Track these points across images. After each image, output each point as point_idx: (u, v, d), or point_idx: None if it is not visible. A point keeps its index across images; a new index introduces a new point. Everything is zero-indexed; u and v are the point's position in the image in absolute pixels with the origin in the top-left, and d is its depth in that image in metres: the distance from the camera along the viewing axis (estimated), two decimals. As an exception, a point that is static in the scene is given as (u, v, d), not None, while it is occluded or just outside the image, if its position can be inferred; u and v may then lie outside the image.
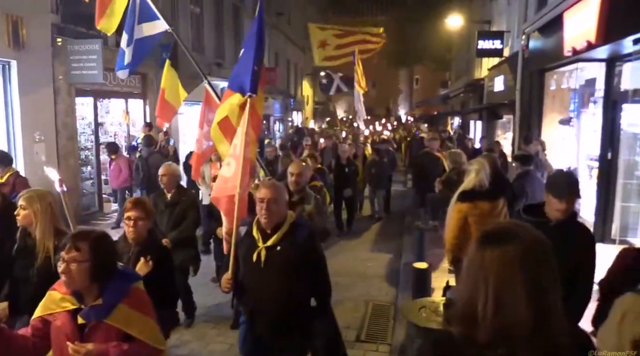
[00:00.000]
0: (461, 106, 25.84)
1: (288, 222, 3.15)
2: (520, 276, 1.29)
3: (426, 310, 3.67)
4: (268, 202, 3.06)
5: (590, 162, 8.82)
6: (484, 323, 1.30)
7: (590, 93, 9.05)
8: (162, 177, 5.20)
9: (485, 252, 1.35)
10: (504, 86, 14.16)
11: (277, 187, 3.21)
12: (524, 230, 1.38)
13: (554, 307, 1.31)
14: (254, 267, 3.08)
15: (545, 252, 1.35)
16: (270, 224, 3.10)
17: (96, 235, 2.34)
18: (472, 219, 4.57)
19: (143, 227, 3.36)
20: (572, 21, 7.63)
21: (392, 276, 7.27)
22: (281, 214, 3.13)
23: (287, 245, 3.07)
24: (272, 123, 25.34)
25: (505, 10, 15.67)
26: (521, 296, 1.28)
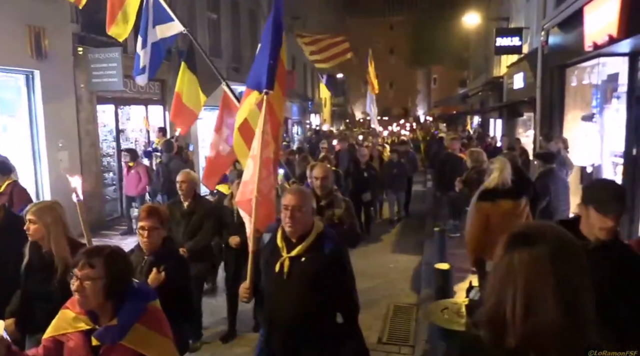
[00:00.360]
0: (480, 105, 25.58)
1: (315, 232, 2.95)
2: (549, 278, 1.26)
3: (448, 311, 3.63)
4: (292, 210, 2.88)
5: (615, 159, 8.63)
6: (513, 327, 1.27)
7: (613, 89, 8.86)
8: (182, 183, 5.06)
9: (513, 254, 1.32)
10: (523, 83, 13.97)
11: (303, 193, 3.01)
12: (552, 230, 1.34)
13: (586, 310, 1.27)
14: (276, 278, 2.91)
15: (575, 252, 1.31)
16: (295, 233, 2.91)
17: (110, 251, 2.23)
18: (493, 218, 4.51)
19: (157, 236, 3.23)
20: (592, 15, 7.49)
21: (414, 277, 7.22)
22: (307, 223, 2.95)
23: (312, 257, 2.88)
24: (290, 126, 25.43)
25: (524, 7, 15.46)
26: (551, 299, 1.24)
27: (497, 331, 1.30)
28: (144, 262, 3.19)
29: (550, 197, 5.87)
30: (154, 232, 3.20)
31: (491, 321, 1.32)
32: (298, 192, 3.00)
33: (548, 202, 5.87)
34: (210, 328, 5.43)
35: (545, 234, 1.32)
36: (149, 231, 3.19)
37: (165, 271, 3.06)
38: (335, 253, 2.94)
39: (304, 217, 2.92)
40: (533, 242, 1.30)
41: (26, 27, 8.52)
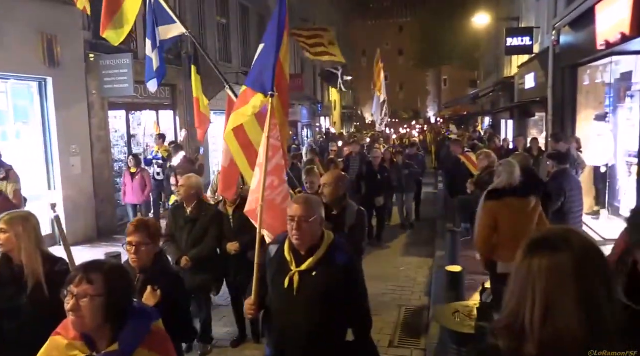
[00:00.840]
0: (491, 105, 25.41)
1: (326, 244, 2.74)
2: (571, 286, 1.22)
3: (460, 314, 3.60)
4: (299, 221, 2.67)
5: (629, 158, 8.53)
6: (532, 335, 1.24)
7: (626, 88, 8.76)
8: (180, 187, 4.91)
9: (532, 259, 1.28)
10: (535, 83, 13.86)
11: (311, 202, 2.78)
12: (576, 237, 1.30)
13: (609, 320, 1.23)
14: (285, 294, 2.70)
15: (599, 260, 1.27)
16: (304, 246, 2.71)
17: (111, 266, 2.05)
18: (501, 218, 4.49)
19: (147, 252, 2.98)
20: (604, 14, 7.41)
21: (425, 280, 7.17)
22: (316, 234, 2.74)
23: (324, 270, 2.67)
24: (299, 129, 25.47)
25: (534, 6, 15.34)
26: (572, 307, 1.21)
27: (515, 339, 1.27)
28: (137, 280, 2.95)
29: (565, 198, 5.80)
30: (142, 248, 2.97)
31: (509, 329, 1.29)
32: (305, 201, 2.78)
33: (562, 203, 5.80)
34: (220, 332, 5.43)
35: (569, 241, 1.28)
36: (137, 247, 2.96)
37: (159, 290, 2.84)
38: (348, 266, 2.75)
39: (313, 228, 2.71)
40: (555, 248, 1.27)
41: (39, 35, 8.64)
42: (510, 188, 4.52)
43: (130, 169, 9.42)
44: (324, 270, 2.68)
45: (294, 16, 23.31)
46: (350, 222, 4.13)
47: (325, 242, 2.75)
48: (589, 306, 1.21)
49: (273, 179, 3.48)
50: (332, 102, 35.01)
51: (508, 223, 4.48)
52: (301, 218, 2.67)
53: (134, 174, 9.35)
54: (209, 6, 15.27)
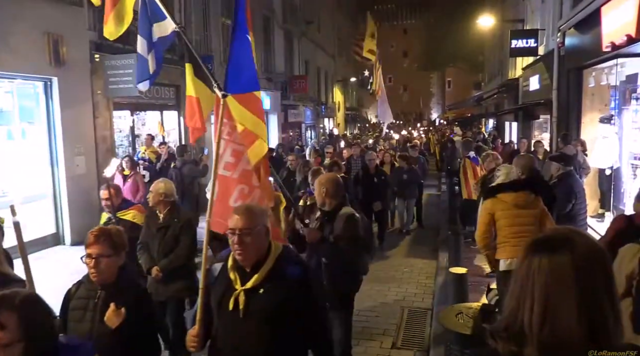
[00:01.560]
0: (495, 107, 25.36)
1: (273, 256, 2.44)
2: (570, 287, 1.21)
3: (463, 315, 3.58)
4: (240, 234, 2.36)
5: (634, 161, 8.48)
6: (531, 337, 1.22)
7: (632, 90, 8.72)
8: (149, 193, 4.61)
9: (533, 259, 1.27)
10: (539, 85, 13.82)
11: (252, 211, 2.47)
12: (579, 237, 1.28)
13: (611, 322, 1.21)
14: (231, 317, 2.39)
15: (601, 262, 1.25)
16: (248, 261, 2.41)
17: (23, 298, 1.66)
18: (499, 214, 4.56)
19: (108, 265, 2.61)
20: (610, 15, 7.38)
21: (428, 281, 7.15)
22: (261, 247, 2.43)
23: (273, 287, 2.37)
24: (303, 130, 25.48)
25: (539, 8, 15.31)
26: (572, 309, 1.19)
27: (515, 342, 1.25)
28: (97, 297, 2.61)
29: (576, 199, 5.78)
30: (103, 260, 2.59)
31: (508, 330, 1.28)
32: (245, 211, 2.46)
33: (572, 206, 5.78)
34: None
35: (571, 241, 1.26)
36: (97, 260, 2.58)
37: (125, 307, 2.53)
38: (302, 280, 2.43)
39: (257, 240, 2.40)
40: (555, 248, 1.25)
41: (44, 35, 8.68)
42: (505, 183, 4.63)
43: (124, 171, 8.68)
44: (272, 287, 2.37)
45: (299, 18, 23.37)
46: (337, 231, 3.76)
47: (273, 255, 2.45)
48: (589, 308, 1.20)
49: (242, 187, 3.24)
50: (336, 103, 35.01)
51: (505, 219, 4.53)
52: (242, 231, 2.37)
53: (126, 177, 8.61)
54: (213, 7, 15.31)
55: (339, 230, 3.74)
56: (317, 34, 28.53)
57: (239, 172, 3.27)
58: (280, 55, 21.36)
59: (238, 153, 3.28)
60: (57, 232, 9.21)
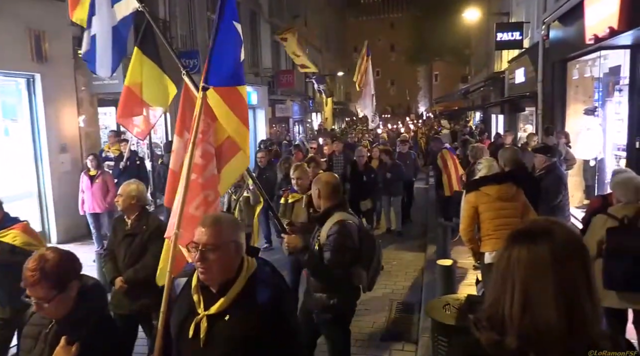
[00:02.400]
0: (482, 100, 25.52)
1: (244, 277, 2.09)
2: (548, 276, 1.23)
3: (450, 307, 3.62)
4: (205, 250, 2.03)
5: (618, 152, 8.60)
6: (511, 327, 1.24)
7: (615, 82, 8.82)
8: (118, 197, 4.19)
9: (512, 250, 1.29)
10: (525, 78, 13.93)
11: (221, 223, 2.11)
12: (558, 228, 1.30)
13: (589, 310, 1.24)
14: (190, 346, 2.06)
15: (579, 252, 1.27)
16: (214, 281, 2.08)
17: None
18: (482, 207, 4.60)
19: (56, 305, 2.13)
20: (593, 8, 7.45)
21: (417, 274, 7.21)
22: (229, 265, 2.08)
23: (240, 314, 2.03)
24: (291, 125, 25.42)
25: (524, 1, 15.41)
26: (550, 298, 1.21)
27: (497, 331, 1.27)
28: (49, 329, 2.21)
29: (566, 190, 5.85)
30: (46, 304, 2.11)
31: (490, 320, 1.30)
32: (213, 223, 2.09)
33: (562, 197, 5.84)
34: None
35: (550, 232, 1.28)
36: (39, 305, 2.13)
37: (79, 343, 2.11)
38: (275, 305, 2.08)
39: (224, 258, 2.05)
40: (535, 239, 1.27)
41: (26, 30, 8.54)
42: (488, 176, 4.67)
43: (90, 171, 8.02)
44: (240, 313, 2.03)
45: (285, 13, 23.27)
46: (322, 239, 3.38)
47: (244, 275, 2.09)
48: (567, 298, 1.22)
49: (207, 193, 2.85)
50: (324, 98, 34.97)
51: (488, 212, 4.56)
52: (207, 246, 2.03)
53: (93, 177, 7.99)
54: (199, 2, 15.18)
55: (324, 238, 3.35)
56: (304, 28, 28.43)
57: (206, 177, 2.85)
58: (266, 49, 21.27)
59: (208, 155, 2.86)
60: (42, 230, 9.11)
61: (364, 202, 8.24)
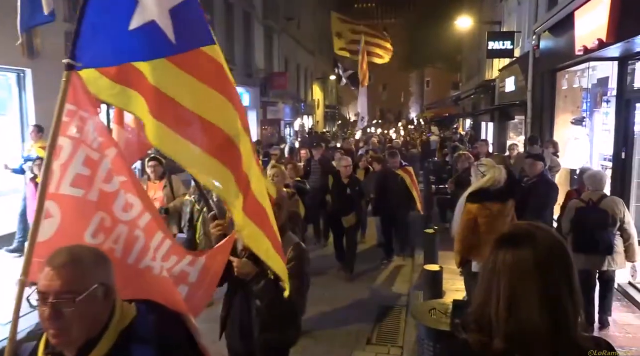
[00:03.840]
0: (473, 107, 25.72)
1: (113, 333, 1.55)
2: (532, 280, 1.27)
3: (436, 312, 3.66)
4: (55, 302, 1.45)
5: (604, 162, 8.72)
6: (498, 328, 1.28)
7: (603, 93, 8.96)
8: None
9: (498, 254, 1.33)
10: (515, 87, 14.08)
11: (80, 261, 1.51)
12: (542, 233, 1.34)
13: (571, 312, 1.28)
14: None
15: (561, 256, 1.31)
16: (70, 345, 1.51)
17: None
18: (481, 220, 4.55)
19: None
20: (583, 20, 7.57)
21: (404, 278, 7.24)
22: (92, 322, 1.52)
23: None
24: (283, 128, 25.43)
25: (516, 11, 15.58)
26: (534, 300, 1.25)
27: (484, 333, 1.31)
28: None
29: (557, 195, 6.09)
30: None
31: (477, 323, 1.33)
32: (67, 263, 1.49)
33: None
34: None
35: (534, 236, 1.33)
36: None
37: None
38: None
39: (85, 312, 1.48)
40: (519, 244, 1.31)
41: (17, 25, 8.46)
42: (491, 190, 4.58)
43: (37, 178, 6.54)
44: None
45: (279, 15, 23.29)
46: None
47: (113, 330, 1.55)
48: (550, 300, 1.26)
49: (103, 217, 1.96)
50: (316, 101, 35.03)
51: (487, 225, 4.55)
52: (60, 295, 1.44)
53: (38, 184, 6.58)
54: (193, 1, 15.15)
55: None
56: (297, 31, 28.49)
57: (96, 193, 1.98)
58: (260, 51, 21.27)
59: (93, 164, 2.01)
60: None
61: (347, 218, 7.11)
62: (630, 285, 5.84)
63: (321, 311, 5.80)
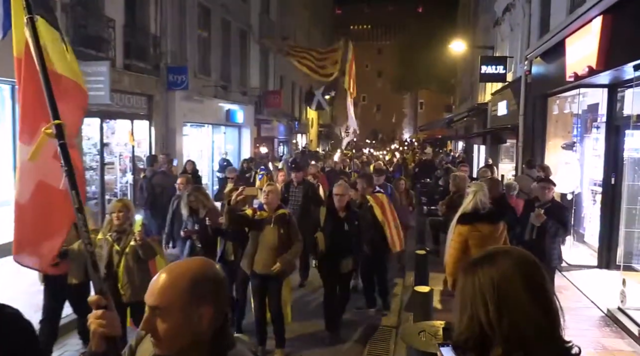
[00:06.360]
0: (465, 130, 25.96)
1: None
2: (518, 280, 1.30)
3: (425, 333, 3.63)
4: None
5: (594, 187, 8.80)
6: (494, 335, 1.29)
7: (593, 119, 9.09)
8: None
9: (476, 273, 1.35)
10: (507, 110, 14.25)
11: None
12: (514, 249, 1.42)
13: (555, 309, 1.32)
14: None
15: (538, 265, 1.36)
16: None
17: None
18: (472, 242, 4.55)
19: None
20: (573, 47, 7.72)
21: (394, 299, 7.20)
22: None
23: None
24: (276, 146, 25.49)
25: (508, 36, 15.86)
26: (524, 298, 1.29)
27: (478, 344, 1.31)
28: None
29: None
30: None
31: (469, 341, 1.33)
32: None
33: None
34: None
35: (508, 252, 1.39)
36: None
37: None
38: None
39: None
40: (495, 260, 1.36)
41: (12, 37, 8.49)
42: (481, 212, 4.59)
43: None
44: None
45: (274, 34, 23.52)
46: None
47: None
48: (537, 294, 1.31)
49: None
50: (310, 120, 35.19)
51: (478, 246, 4.55)
52: None
53: None
54: (190, 18, 15.30)
55: None
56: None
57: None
58: (255, 69, 21.43)
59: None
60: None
61: (345, 262, 5.61)
62: (620, 311, 5.84)
63: (310, 332, 5.74)
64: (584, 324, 5.79)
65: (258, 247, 5.03)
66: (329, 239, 5.55)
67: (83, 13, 10.42)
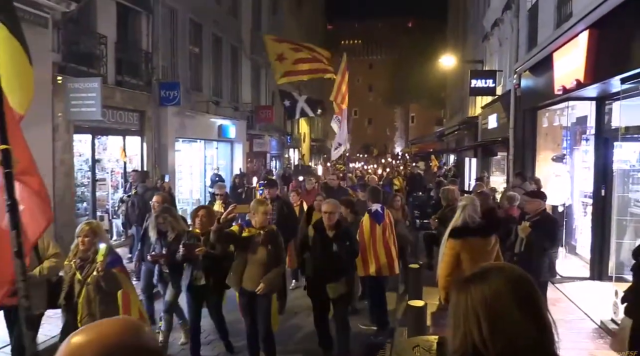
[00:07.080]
0: (456, 143, 26.13)
1: None
2: (510, 297, 1.31)
3: (419, 348, 3.61)
4: None
5: (585, 199, 8.87)
6: (487, 352, 1.29)
7: (582, 131, 9.19)
8: None
9: (469, 290, 1.36)
10: (497, 124, 14.38)
11: None
12: (504, 266, 1.43)
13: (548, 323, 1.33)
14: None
15: (529, 280, 1.37)
16: None
17: None
18: (464, 255, 4.55)
19: None
20: (561, 61, 7.83)
21: (388, 313, 7.16)
22: None
23: None
24: (268, 161, 25.49)
25: (497, 51, 16.06)
26: (516, 314, 1.29)
27: None
28: None
29: None
30: None
31: (464, 355, 1.33)
32: None
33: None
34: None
35: (501, 269, 1.40)
36: None
37: None
38: None
39: None
40: (487, 277, 1.36)
41: (5, 55, 8.49)
42: (472, 226, 4.60)
43: None
44: None
45: (265, 51, 23.65)
46: None
47: None
48: (531, 308, 1.32)
49: None
50: (302, 134, 35.28)
51: (469, 260, 4.55)
52: None
53: None
54: (182, 34, 15.37)
55: None
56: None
57: None
58: (247, 85, 21.50)
59: None
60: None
61: (334, 286, 5.15)
62: (613, 322, 5.85)
63: (305, 348, 5.69)
64: (577, 336, 5.80)
65: (247, 263, 4.94)
66: (316, 261, 5.19)
67: (75, 30, 10.44)
